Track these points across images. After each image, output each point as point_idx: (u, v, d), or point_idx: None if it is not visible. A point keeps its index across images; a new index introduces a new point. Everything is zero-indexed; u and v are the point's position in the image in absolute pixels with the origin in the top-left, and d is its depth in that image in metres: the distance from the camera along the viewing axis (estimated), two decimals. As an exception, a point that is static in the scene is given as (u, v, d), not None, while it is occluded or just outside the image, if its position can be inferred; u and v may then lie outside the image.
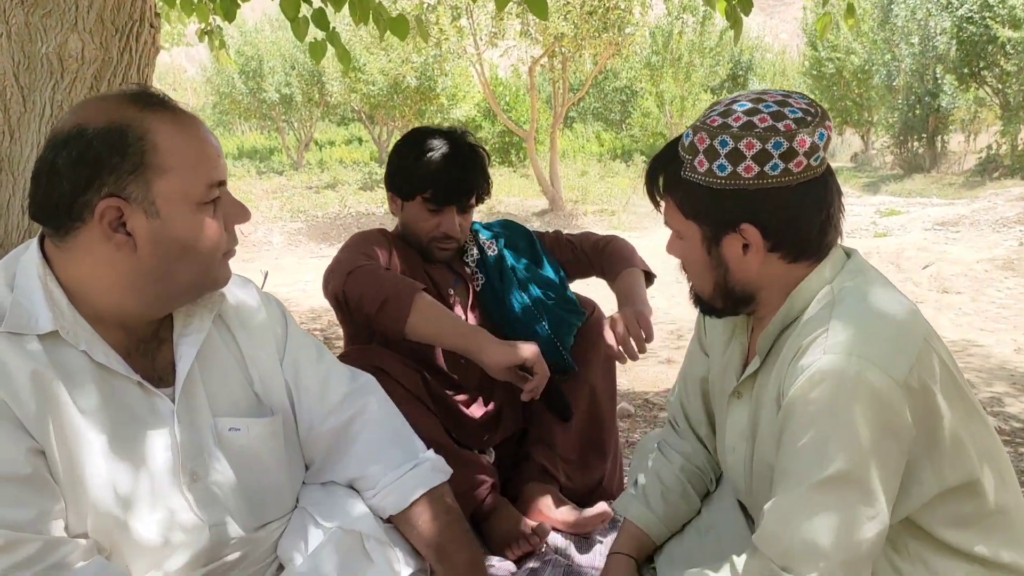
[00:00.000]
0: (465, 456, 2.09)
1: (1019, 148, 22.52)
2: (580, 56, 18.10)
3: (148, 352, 1.28)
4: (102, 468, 1.17)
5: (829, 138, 1.27)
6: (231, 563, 1.31)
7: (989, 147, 24.09)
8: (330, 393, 1.46)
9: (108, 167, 1.13)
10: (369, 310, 1.92)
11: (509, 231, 2.40)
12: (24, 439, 1.10)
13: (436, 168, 2.09)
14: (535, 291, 2.26)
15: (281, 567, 1.37)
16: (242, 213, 1.28)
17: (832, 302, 1.25)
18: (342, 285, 1.97)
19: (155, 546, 1.21)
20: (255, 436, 1.34)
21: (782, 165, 1.22)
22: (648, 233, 14.97)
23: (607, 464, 2.28)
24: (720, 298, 1.37)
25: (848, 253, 1.35)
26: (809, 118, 1.24)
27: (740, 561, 1.24)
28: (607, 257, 2.35)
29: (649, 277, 2.32)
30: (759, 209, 1.25)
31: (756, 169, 1.23)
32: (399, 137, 2.30)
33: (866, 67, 28.23)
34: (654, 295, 8.04)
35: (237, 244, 1.31)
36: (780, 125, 1.22)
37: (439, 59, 21.01)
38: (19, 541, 1.06)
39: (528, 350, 1.90)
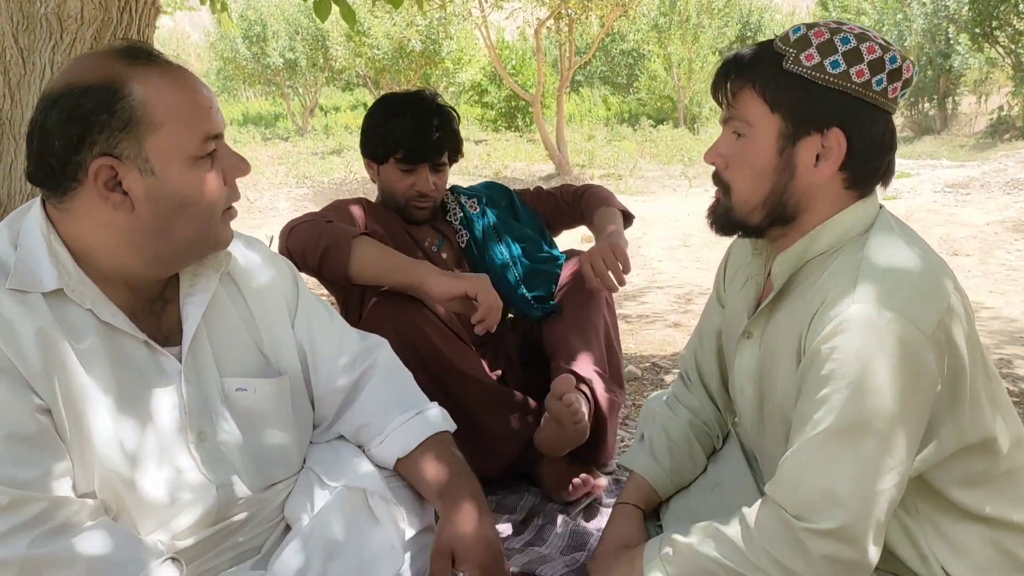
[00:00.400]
0: (510, 396, 2.12)
1: (1031, 109, 22.25)
2: (587, 18, 17.89)
3: (154, 312, 1.27)
4: (108, 426, 1.16)
5: (912, 83, 1.28)
6: (238, 523, 1.31)
7: (1000, 108, 23.83)
8: (343, 353, 1.46)
9: (97, 125, 1.11)
10: (312, 262, 1.97)
11: (490, 191, 2.47)
12: (30, 397, 1.09)
13: (406, 128, 2.15)
14: (512, 244, 2.33)
15: (288, 528, 1.37)
16: (241, 165, 1.25)
17: (861, 256, 1.23)
18: (284, 242, 2.03)
19: (162, 505, 1.21)
20: (263, 396, 1.33)
21: (885, 83, 1.22)
22: (655, 198, 14.90)
23: (623, 396, 2.30)
24: (763, 210, 1.31)
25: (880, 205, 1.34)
26: (907, 57, 1.25)
27: (751, 513, 1.24)
28: (585, 202, 2.42)
29: (627, 218, 2.38)
30: (854, 118, 1.23)
31: (866, 76, 1.22)
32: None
33: (877, 27, 27.84)
34: (661, 259, 8.03)
35: (239, 199, 1.28)
36: (892, 47, 1.23)
37: (444, 22, 20.80)
38: (25, 500, 1.05)
39: (472, 280, 1.91)
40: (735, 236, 1.41)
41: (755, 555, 1.20)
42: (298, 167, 18.06)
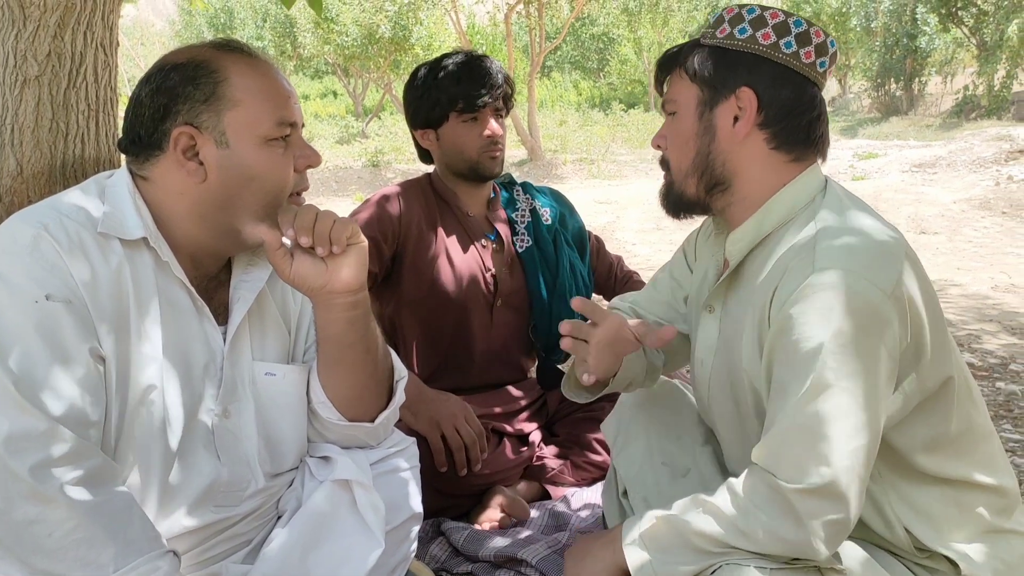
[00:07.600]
0: (503, 428, 2.14)
1: (995, 88, 22.57)
2: (557, 2, 17.86)
3: (208, 290, 1.32)
4: (149, 384, 1.20)
5: (834, 57, 1.36)
6: (241, 516, 1.32)
7: (966, 88, 24.13)
8: None
9: (182, 96, 1.22)
10: None
11: (562, 206, 2.36)
12: (90, 339, 1.14)
13: (458, 77, 2.07)
14: (578, 283, 2.26)
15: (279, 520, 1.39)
16: (312, 156, 1.32)
17: (817, 226, 1.27)
18: None
19: (173, 476, 1.22)
20: (289, 382, 1.37)
21: (795, 46, 1.31)
22: (628, 181, 14.95)
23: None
24: (695, 176, 1.38)
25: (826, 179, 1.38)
26: (822, 29, 1.35)
27: (738, 482, 1.25)
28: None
29: None
30: (762, 77, 1.32)
31: (772, 39, 1.31)
32: (373, 90, 2.29)
33: (844, 9, 28.04)
34: (635, 243, 8.06)
35: (308, 188, 1.35)
36: (801, 18, 1.34)
37: (413, 7, 20.65)
38: (61, 437, 1.06)
39: (438, 424, 1.92)
40: (685, 218, 1.46)
41: (747, 522, 1.21)
42: (268, 156, 17.85)
